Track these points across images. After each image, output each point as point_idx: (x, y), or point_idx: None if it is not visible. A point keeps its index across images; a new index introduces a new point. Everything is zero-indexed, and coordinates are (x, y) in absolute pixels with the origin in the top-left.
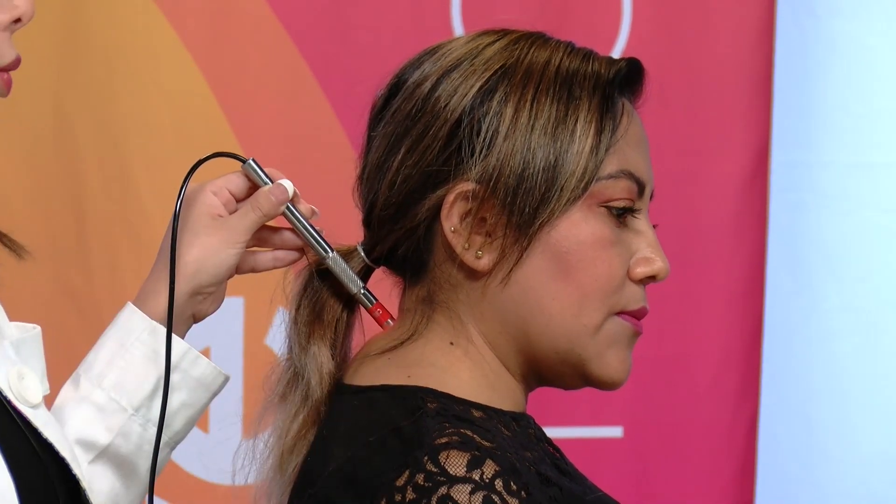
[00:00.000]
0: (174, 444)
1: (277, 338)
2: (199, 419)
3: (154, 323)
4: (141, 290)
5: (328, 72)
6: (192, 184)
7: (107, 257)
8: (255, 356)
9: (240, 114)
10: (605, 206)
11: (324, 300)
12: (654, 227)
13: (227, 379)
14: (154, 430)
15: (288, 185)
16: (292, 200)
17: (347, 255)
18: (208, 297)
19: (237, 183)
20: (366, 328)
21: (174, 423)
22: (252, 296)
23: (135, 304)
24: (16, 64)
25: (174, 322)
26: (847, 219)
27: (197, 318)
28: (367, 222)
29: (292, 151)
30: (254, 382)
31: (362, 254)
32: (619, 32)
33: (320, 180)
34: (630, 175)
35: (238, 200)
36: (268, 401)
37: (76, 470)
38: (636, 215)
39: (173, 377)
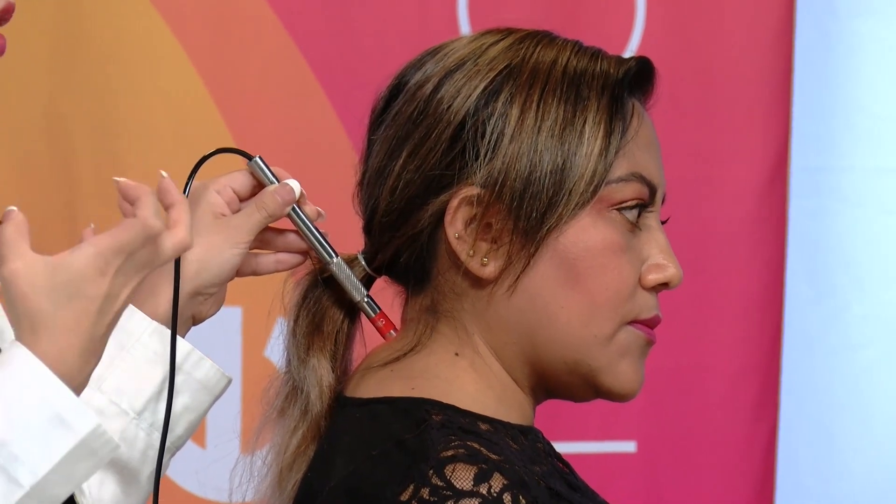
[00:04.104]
0: (175, 450)
1: (277, 350)
2: (197, 434)
3: (155, 324)
4: (139, 290)
5: (331, 74)
6: (194, 182)
7: None
8: (254, 369)
9: (238, 117)
10: (616, 210)
11: (324, 310)
12: (664, 221)
13: (229, 381)
14: (157, 435)
15: (295, 185)
16: (298, 202)
17: (348, 263)
18: (209, 299)
19: (242, 181)
20: (367, 340)
21: (177, 428)
22: (250, 306)
23: (133, 304)
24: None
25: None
26: (869, 225)
27: (197, 320)
28: (368, 229)
29: (293, 156)
30: (252, 396)
31: (363, 262)
32: (632, 33)
33: (321, 186)
34: (640, 178)
35: (242, 200)
36: (266, 416)
37: None
38: (648, 211)
39: (177, 378)
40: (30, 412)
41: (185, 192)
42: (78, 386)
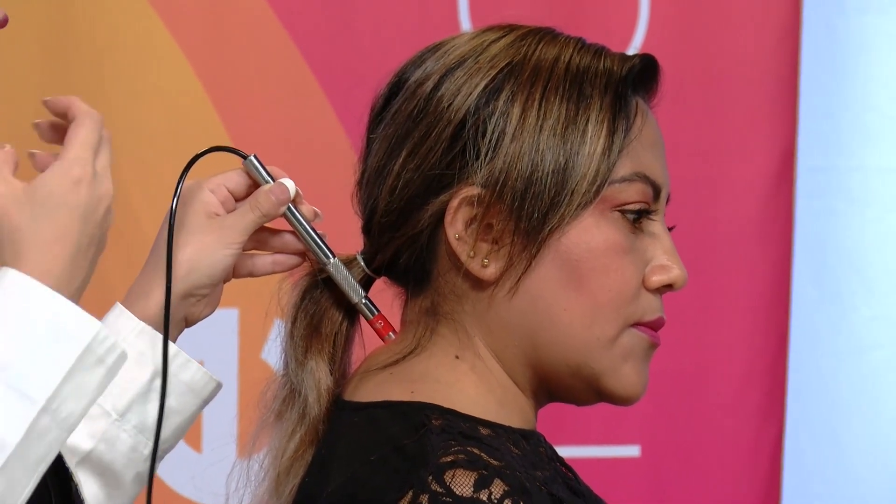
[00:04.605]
0: (163, 454)
1: (274, 352)
2: (193, 438)
3: (142, 324)
4: (130, 290)
5: (330, 72)
6: (189, 181)
7: None
8: (251, 371)
9: (236, 117)
10: (619, 211)
11: (322, 311)
12: (670, 229)
13: (218, 385)
14: (140, 438)
15: (290, 184)
16: (294, 201)
17: (347, 264)
18: (202, 300)
19: (237, 180)
20: (366, 342)
21: (163, 431)
22: (247, 307)
23: (123, 304)
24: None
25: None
26: (877, 225)
27: (189, 322)
28: (367, 230)
29: (292, 156)
30: (249, 399)
31: (362, 263)
32: (636, 30)
33: (320, 186)
34: (644, 178)
35: (237, 199)
36: (263, 419)
37: (69, 461)
38: (652, 217)
39: (162, 381)
40: (30, 327)
41: (177, 190)
42: (69, 297)
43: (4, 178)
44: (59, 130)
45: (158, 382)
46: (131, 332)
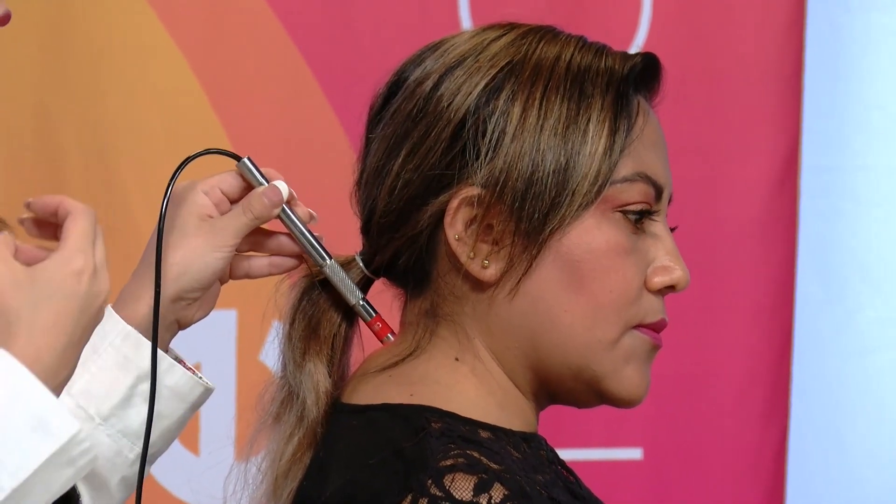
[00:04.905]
0: (151, 458)
1: (272, 354)
2: (190, 441)
3: (128, 328)
4: (121, 293)
5: (329, 71)
6: (182, 182)
7: None
8: (249, 373)
9: (234, 115)
10: (621, 211)
11: (320, 313)
12: (672, 229)
13: (206, 390)
14: (124, 442)
15: (283, 186)
16: (289, 203)
17: (345, 265)
18: (193, 303)
19: (231, 182)
20: (365, 344)
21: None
22: (245, 309)
23: (114, 307)
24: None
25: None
26: (882, 225)
27: (182, 325)
28: (366, 230)
29: (290, 155)
30: (247, 402)
31: (361, 264)
32: (638, 28)
33: (319, 185)
34: (646, 178)
35: (232, 201)
36: (261, 422)
37: None
38: (654, 217)
39: (147, 385)
40: (11, 415)
41: (167, 192)
42: (54, 389)
43: (4, 258)
44: (44, 227)
45: (142, 387)
46: (117, 336)
